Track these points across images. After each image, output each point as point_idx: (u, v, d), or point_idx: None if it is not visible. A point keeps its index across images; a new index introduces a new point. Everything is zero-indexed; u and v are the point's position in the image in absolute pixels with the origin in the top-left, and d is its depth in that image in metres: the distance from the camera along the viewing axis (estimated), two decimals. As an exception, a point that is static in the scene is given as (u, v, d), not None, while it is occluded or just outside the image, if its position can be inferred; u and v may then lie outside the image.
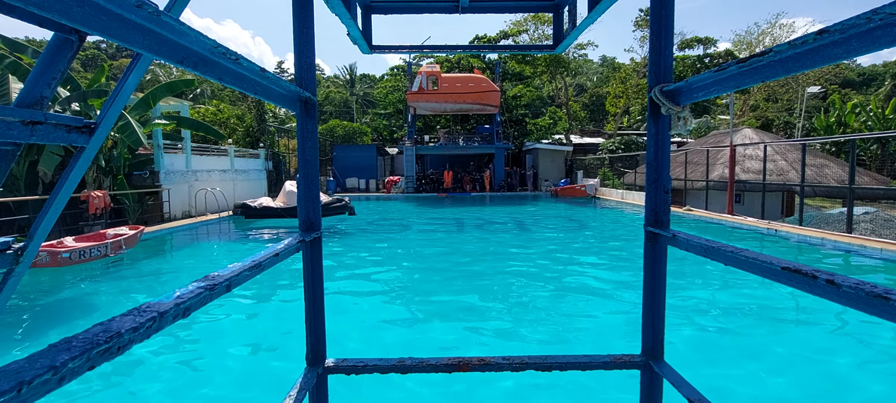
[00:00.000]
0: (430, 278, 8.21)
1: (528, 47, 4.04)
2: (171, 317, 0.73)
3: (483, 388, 3.95)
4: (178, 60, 0.81)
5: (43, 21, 0.96)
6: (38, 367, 0.50)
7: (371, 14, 2.17)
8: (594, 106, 43.40)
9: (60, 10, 0.58)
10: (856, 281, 0.78)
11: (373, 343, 5.14)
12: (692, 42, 31.41)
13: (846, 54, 0.80)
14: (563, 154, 31.13)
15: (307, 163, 1.58)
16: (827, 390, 4.01)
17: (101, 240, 9.12)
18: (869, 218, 10.24)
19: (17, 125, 0.98)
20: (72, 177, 1.23)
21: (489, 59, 34.50)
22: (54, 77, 1.13)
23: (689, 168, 17.97)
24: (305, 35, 1.53)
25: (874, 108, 21.98)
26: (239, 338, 5.28)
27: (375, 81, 48.87)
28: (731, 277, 7.40)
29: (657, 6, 1.52)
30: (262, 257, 1.12)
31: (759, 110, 32.59)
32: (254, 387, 4.14)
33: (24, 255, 1.22)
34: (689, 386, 1.42)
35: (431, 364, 1.67)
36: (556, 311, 6.17)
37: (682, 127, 1.47)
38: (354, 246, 11.43)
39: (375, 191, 29.29)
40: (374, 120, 38.34)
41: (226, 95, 36.48)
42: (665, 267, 1.59)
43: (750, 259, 1.05)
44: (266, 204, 14.90)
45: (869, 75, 46.64)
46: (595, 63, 57.88)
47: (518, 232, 13.64)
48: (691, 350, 4.75)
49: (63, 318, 5.93)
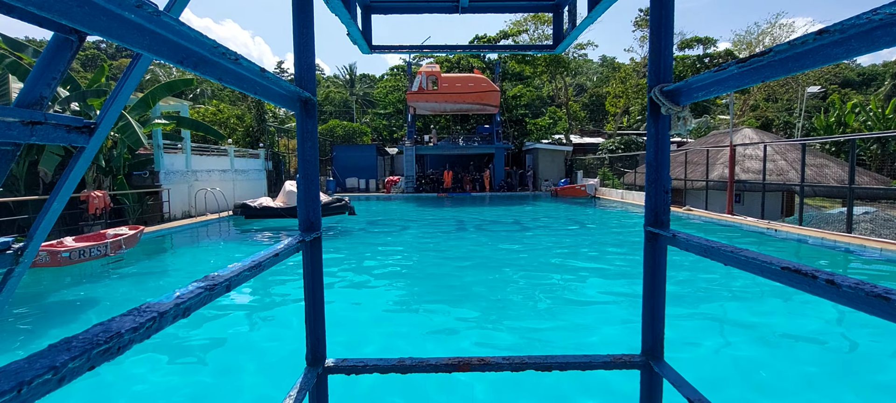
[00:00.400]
0: (430, 278, 8.21)
1: (528, 47, 4.04)
2: (171, 317, 0.74)
3: (483, 389, 3.95)
4: (178, 60, 0.81)
5: (43, 21, 0.96)
6: (38, 367, 0.50)
7: (371, 14, 2.17)
8: (594, 106, 43.40)
9: (60, 11, 0.58)
10: (855, 281, 0.78)
11: (373, 344, 5.14)
12: (692, 42, 31.41)
13: (846, 54, 0.80)
14: (563, 154, 31.13)
15: (307, 164, 1.58)
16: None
17: (100, 240, 9.12)
18: (869, 218, 10.24)
19: (17, 125, 0.98)
20: (72, 177, 1.23)
21: (489, 59, 34.51)
22: (54, 77, 1.13)
23: (689, 168, 17.96)
24: (305, 35, 1.53)
25: (874, 108, 21.98)
26: (239, 339, 5.28)
27: (375, 81, 48.87)
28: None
29: (657, 6, 1.52)
30: (261, 257, 1.12)
31: (759, 110, 32.60)
32: (254, 388, 4.14)
33: (24, 255, 1.22)
34: (689, 386, 1.42)
35: (431, 365, 1.67)
36: (557, 311, 6.17)
37: (681, 127, 1.47)
38: (355, 245, 11.43)
39: (375, 191, 29.28)
40: (374, 120, 38.34)
41: (226, 95, 36.45)
42: (665, 267, 1.59)
43: (749, 259, 1.05)
44: (266, 205, 14.88)
45: (869, 75, 46.65)
46: (595, 63, 57.90)
47: (518, 232, 13.64)
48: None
49: (63, 318, 5.93)
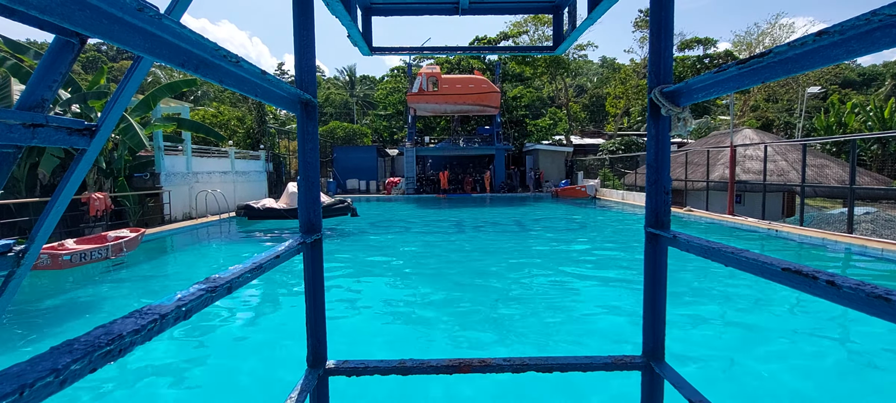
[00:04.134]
0: (430, 279, 8.20)
1: (528, 49, 4.06)
2: (173, 319, 0.74)
3: (484, 390, 3.95)
4: (180, 63, 0.81)
5: (44, 24, 0.97)
6: (39, 370, 0.50)
7: (371, 16, 2.17)
8: (594, 107, 43.42)
9: (62, 14, 0.58)
10: (856, 282, 0.78)
11: (374, 345, 5.13)
12: (692, 42, 31.43)
13: (846, 55, 0.80)
14: (564, 155, 31.14)
15: (308, 165, 1.58)
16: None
17: (102, 243, 9.12)
18: (870, 219, 10.23)
19: (19, 127, 0.98)
20: (73, 180, 1.23)
21: (489, 61, 34.52)
22: (55, 79, 1.13)
23: (690, 168, 17.95)
24: (306, 37, 1.54)
25: (874, 108, 21.97)
26: (239, 340, 5.28)
27: (375, 83, 48.91)
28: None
29: (657, 7, 1.52)
30: (262, 259, 1.12)
31: (760, 110, 32.59)
32: (255, 390, 4.13)
33: (26, 258, 1.23)
34: (690, 387, 1.41)
35: (432, 366, 1.67)
36: (557, 312, 6.17)
37: (682, 128, 1.47)
38: (355, 247, 11.43)
39: (376, 192, 29.29)
40: (375, 121, 38.37)
41: (226, 97, 36.50)
42: (666, 268, 1.59)
43: (750, 260, 1.05)
44: (269, 206, 14.99)
45: (869, 75, 46.64)
46: (595, 64, 57.91)
47: (518, 232, 13.63)
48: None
49: (64, 320, 5.93)
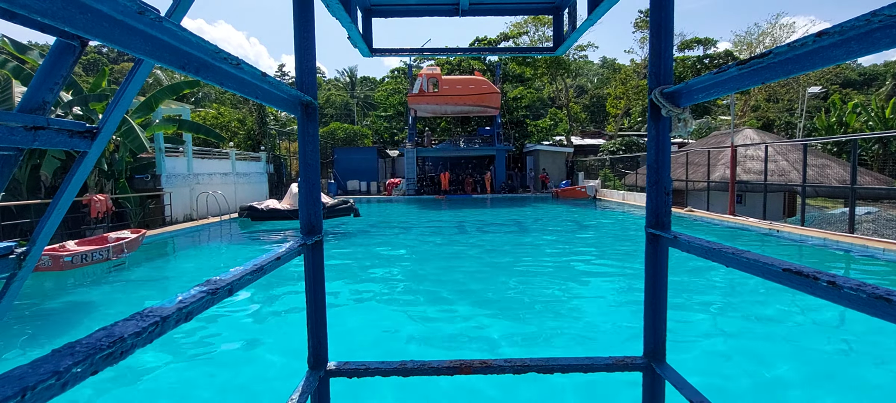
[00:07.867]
0: (431, 279, 8.20)
1: (529, 49, 4.06)
2: (174, 321, 0.74)
3: (484, 391, 3.94)
4: (180, 66, 0.81)
5: (46, 27, 0.97)
6: (41, 372, 0.50)
7: (371, 17, 2.17)
8: (595, 107, 43.43)
9: (64, 18, 0.58)
10: (857, 283, 0.78)
11: (374, 346, 5.13)
12: (692, 43, 31.42)
13: (846, 56, 0.80)
14: (564, 155, 31.12)
15: (308, 167, 1.58)
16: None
17: (103, 244, 9.13)
18: (871, 219, 10.22)
19: (20, 130, 0.98)
20: (74, 182, 1.23)
21: (490, 61, 34.54)
22: (57, 82, 1.13)
23: (691, 169, 17.93)
24: (306, 39, 1.54)
25: (874, 108, 21.94)
26: (240, 342, 5.28)
27: (376, 84, 48.97)
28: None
29: (657, 8, 1.52)
30: (263, 261, 1.12)
31: (761, 111, 32.56)
32: (255, 391, 4.13)
33: (27, 259, 1.23)
34: (691, 388, 1.41)
35: (433, 367, 1.67)
36: (558, 313, 6.16)
37: (682, 128, 1.47)
38: (356, 247, 11.43)
39: (376, 193, 29.29)
40: (375, 122, 38.38)
41: (227, 99, 36.55)
42: (666, 269, 1.59)
43: (751, 260, 1.05)
44: (273, 207, 15.11)
45: (870, 75, 46.57)
46: (595, 64, 57.92)
47: (519, 233, 13.63)
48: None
49: (66, 322, 5.93)
